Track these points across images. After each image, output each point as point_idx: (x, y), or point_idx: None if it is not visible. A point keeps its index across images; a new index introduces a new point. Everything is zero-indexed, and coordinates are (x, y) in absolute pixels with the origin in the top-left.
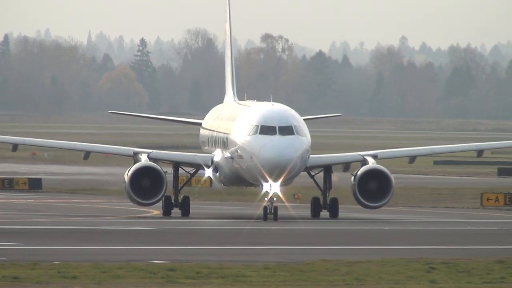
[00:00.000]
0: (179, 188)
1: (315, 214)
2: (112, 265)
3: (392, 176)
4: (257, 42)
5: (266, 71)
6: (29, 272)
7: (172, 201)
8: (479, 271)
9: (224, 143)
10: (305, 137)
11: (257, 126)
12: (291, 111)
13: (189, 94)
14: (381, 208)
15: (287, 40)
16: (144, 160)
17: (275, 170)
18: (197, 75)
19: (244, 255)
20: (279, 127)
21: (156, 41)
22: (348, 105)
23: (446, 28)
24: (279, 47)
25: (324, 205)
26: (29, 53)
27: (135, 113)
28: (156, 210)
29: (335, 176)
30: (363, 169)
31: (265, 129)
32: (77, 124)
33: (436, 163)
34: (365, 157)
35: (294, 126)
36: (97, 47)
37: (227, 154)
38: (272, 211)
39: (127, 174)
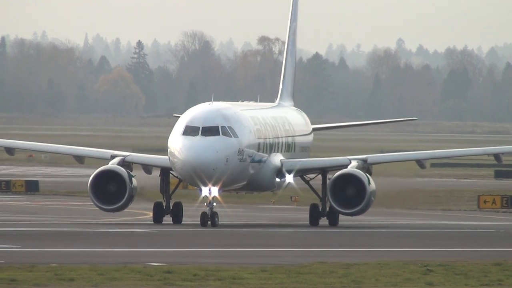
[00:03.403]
0: (170, 193)
1: (314, 223)
2: (109, 268)
3: (367, 181)
4: (254, 45)
5: (263, 73)
6: (26, 275)
7: (164, 207)
8: (476, 274)
9: None
10: (235, 138)
11: (184, 126)
12: (225, 111)
13: (186, 96)
14: (363, 214)
15: (283, 43)
16: (111, 163)
17: (193, 173)
18: (193, 77)
19: (241, 257)
20: (202, 128)
21: (153, 43)
22: (345, 107)
23: (443, 30)
24: (275, 49)
25: (323, 212)
26: (25, 56)
27: None
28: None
29: None
30: (337, 174)
31: (189, 130)
32: (74, 126)
33: (433, 165)
34: (352, 160)
35: (222, 126)
36: (93, 49)
37: None
38: (210, 217)
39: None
